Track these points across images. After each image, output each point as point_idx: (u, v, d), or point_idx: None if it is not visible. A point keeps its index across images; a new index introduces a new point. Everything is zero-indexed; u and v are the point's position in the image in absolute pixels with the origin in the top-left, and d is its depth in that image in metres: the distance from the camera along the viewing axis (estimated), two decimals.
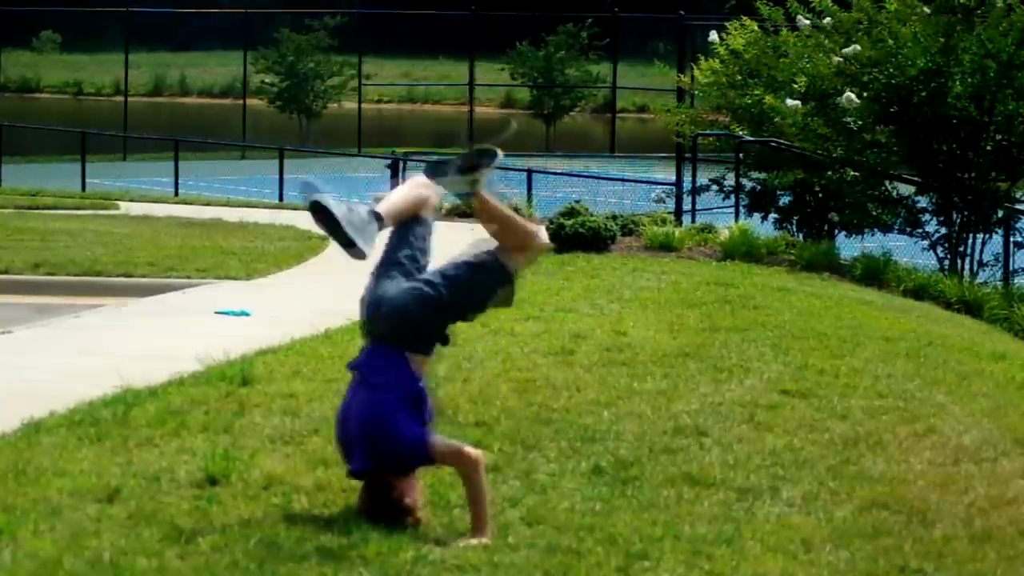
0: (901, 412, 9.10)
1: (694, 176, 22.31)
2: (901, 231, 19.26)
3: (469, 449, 6.79)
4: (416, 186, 7.02)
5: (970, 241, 18.73)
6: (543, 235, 7.00)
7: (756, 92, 19.64)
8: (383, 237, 6.90)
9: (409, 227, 6.93)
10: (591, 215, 17.99)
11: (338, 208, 6.71)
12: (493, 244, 6.90)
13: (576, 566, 6.28)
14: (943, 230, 18.85)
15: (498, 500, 7.05)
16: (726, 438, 8.35)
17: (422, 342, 6.74)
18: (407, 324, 6.68)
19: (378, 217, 6.82)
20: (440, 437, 6.77)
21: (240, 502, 6.91)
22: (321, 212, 6.70)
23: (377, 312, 6.73)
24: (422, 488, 6.85)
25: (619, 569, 6.29)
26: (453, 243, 7.26)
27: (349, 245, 6.69)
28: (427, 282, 6.74)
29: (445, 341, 6.82)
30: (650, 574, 6.27)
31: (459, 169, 6.80)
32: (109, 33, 63.51)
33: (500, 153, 6.83)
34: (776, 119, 19.03)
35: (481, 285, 6.81)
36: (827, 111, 18.75)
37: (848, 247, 19.21)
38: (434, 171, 6.87)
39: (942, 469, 7.92)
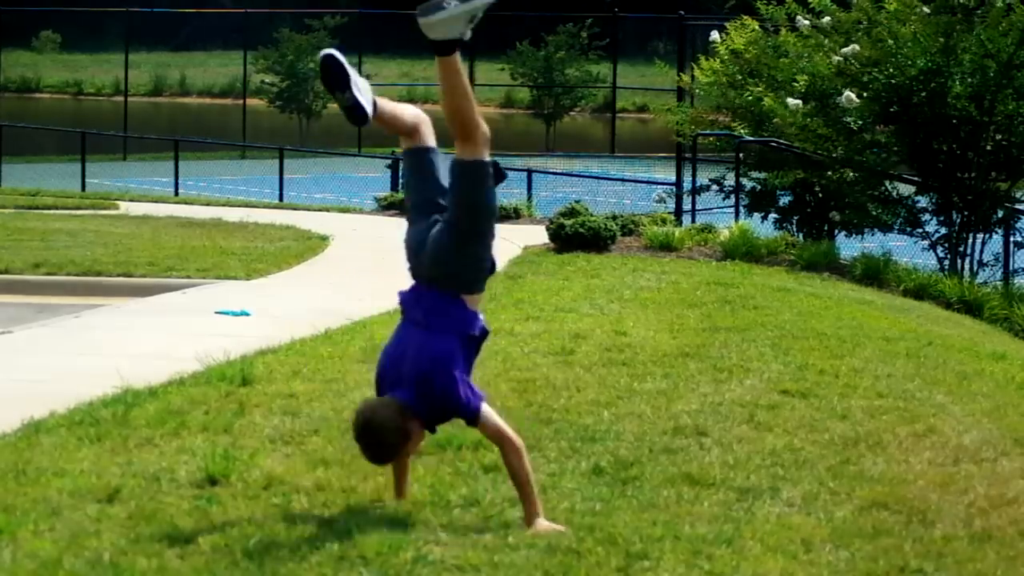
0: (901, 412, 9.10)
1: (694, 176, 22.31)
2: (901, 231, 19.25)
3: (511, 433, 6.79)
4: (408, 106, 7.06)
5: (970, 241, 18.73)
6: (486, 129, 6.88)
7: (756, 91, 19.64)
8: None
9: (421, 161, 6.90)
10: (591, 215, 17.99)
11: (351, 69, 6.68)
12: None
13: (576, 566, 6.28)
14: (943, 230, 18.85)
15: (498, 500, 7.06)
16: (726, 438, 8.35)
17: (470, 279, 6.73)
18: (450, 264, 6.67)
19: (374, 104, 6.80)
20: (490, 409, 6.79)
21: (240, 502, 6.91)
22: (333, 66, 6.67)
23: (419, 256, 6.74)
24: (421, 445, 6.88)
25: (619, 569, 6.28)
26: None
27: (353, 106, 6.68)
28: (444, 219, 6.73)
29: (493, 267, 6.82)
30: (650, 574, 6.27)
31: None
32: (109, 33, 63.55)
33: None
34: (776, 119, 19.03)
35: (477, 189, 6.71)
36: (827, 111, 18.74)
37: (848, 247, 19.21)
38: (428, 7, 6.62)
39: (942, 469, 7.91)
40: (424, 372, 6.63)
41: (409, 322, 6.78)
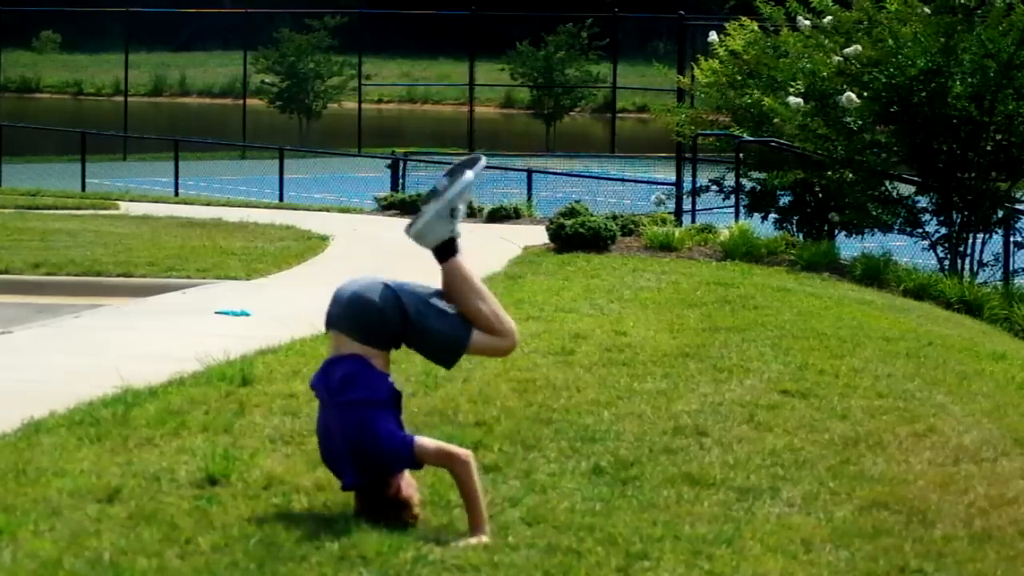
0: (901, 412, 9.10)
1: (694, 176, 22.30)
2: (901, 231, 19.24)
3: (455, 449, 6.79)
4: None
5: (970, 241, 18.73)
6: (514, 337, 6.89)
7: (756, 93, 19.64)
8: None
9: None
10: (591, 215, 17.98)
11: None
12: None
13: (576, 566, 6.28)
14: (943, 230, 18.84)
15: (498, 500, 7.06)
16: (726, 438, 8.35)
17: (377, 337, 6.72)
18: (365, 313, 6.69)
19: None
20: (425, 439, 6.77)
21: (240, 502, 6.92)
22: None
23: (339, 297, 6.81)
24: (417, 485, 6.86)
25: (619, 569, 6.29)
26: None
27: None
28: (403, 289, 6.75)
29: (399, 344, 6.83)
30: (650, 574, 6.27)
31: (447, 178, 6.83)
32: (109, 33, 63.60)
33: (483, 159, 6.87)
34: (776, 119, 19.02)
35: (441, 329, 6.76)
36: (827, 111, 18.74)
37: (848, 247, 19.20)
38: (410, 222, 6.87)
39: (942, 469, 7.92)
40: (352, 447, 6.63)
41: (323, 403, 6.80)
